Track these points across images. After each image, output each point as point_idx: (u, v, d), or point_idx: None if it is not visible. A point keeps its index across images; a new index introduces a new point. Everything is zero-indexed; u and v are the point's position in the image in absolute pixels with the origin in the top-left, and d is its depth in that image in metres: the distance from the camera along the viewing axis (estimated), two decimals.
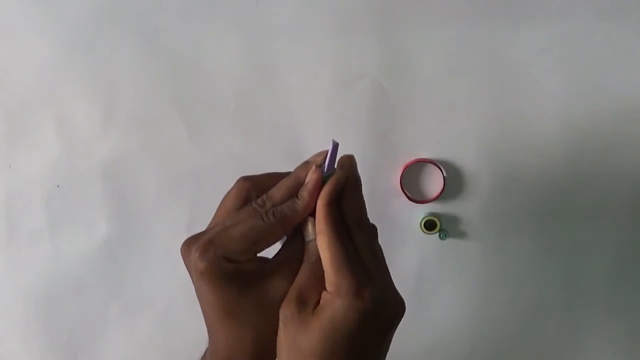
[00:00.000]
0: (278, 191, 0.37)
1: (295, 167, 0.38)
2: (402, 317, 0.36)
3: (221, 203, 0.38)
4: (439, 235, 0.55)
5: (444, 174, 0.54)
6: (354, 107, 0.55)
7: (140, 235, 0.57)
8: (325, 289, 0.35)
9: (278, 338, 0.35)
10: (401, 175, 0.55)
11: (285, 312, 0.35)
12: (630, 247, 0.55)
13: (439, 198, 0.55)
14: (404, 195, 0.55)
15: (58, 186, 0.57)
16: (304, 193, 0.36)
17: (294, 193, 0.37)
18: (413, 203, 0.55)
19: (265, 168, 0.58)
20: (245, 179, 0.38)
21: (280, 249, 0.38)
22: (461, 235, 0.56)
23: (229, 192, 0.38)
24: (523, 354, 0.57)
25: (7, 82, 0.56)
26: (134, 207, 0.57)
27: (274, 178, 0.38)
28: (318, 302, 0.35)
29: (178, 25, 0.55)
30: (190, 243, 0.36)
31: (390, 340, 0.36)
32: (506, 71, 0.54)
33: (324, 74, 0.55)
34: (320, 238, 0.35)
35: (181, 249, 0.36)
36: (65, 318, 0.58)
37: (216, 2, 0.55)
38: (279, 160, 0.55)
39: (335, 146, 0.37)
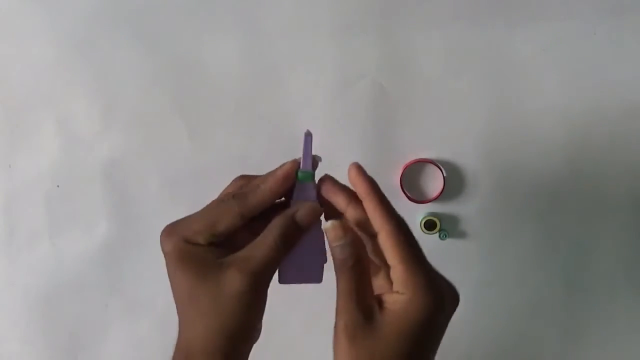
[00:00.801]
0: (255, 181, 0.37)
1: None
2: (458, 299, 0.36)
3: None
4: (439, 235, 0.55)
5: (444, 174, 0.54)
6: (354, 107, 0.55)
7: (140, 235, 0.57)
8: (371, 290, 0.35)
9: (339, 350, 0.34)
10: (401, 175, 0.55)
11: (347, 323, 0.34)
12: (630, 247, 0.55)
13: (439, 198, 0.55)
14: (404, 195, 0.55)
15: (58, 186, 0.57)
16: (269, 177, 0.37)
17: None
18: (413, 203, 0.55)
19: (265, 168, 0.58)
20: (242, 177, 0.39)
21: (246, 245, 0.37)
22: (461, 235, 0.56)
23: (224, 189, 0.39)
24: (522, 353, 0.57)
25: (7, 82, 0.56)
26: (134, 207, 0.57)
27: None
28: (378, 305, 0.34)
29: (178, 25, 0.55)
30: (163, 229, 0.37)
31: None
32: (506, 71, 0.54)
33: (324, 74, 0.55)
34: (385, 236, 0.34)
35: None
36: (65, 318, 0.58)
37: (216, 2, 0.55)
38: (279, 160, 0.55)
39: (308, 137, 0.37)
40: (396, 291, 0.34)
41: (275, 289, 0.42)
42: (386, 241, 0.35)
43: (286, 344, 0.56)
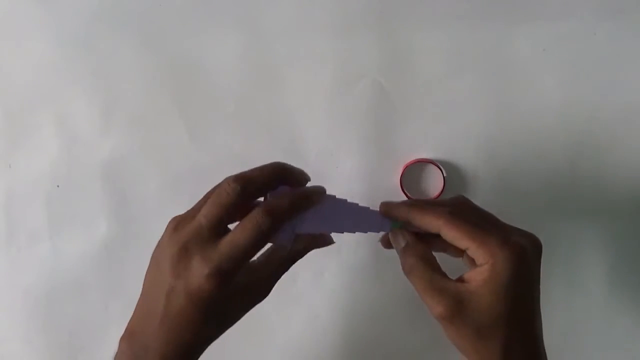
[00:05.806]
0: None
1: (295, 164, 0.39)
2: (540, 244, 0.39)
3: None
4: None
5: (444, 174, 0.54)
6: (354, 107, 0.55)
7: (140, 235, 0.57)
8: (445, 278, 0.38)
9: (448, 335, 0.37)
10: (401, 175, 0.55)
11: (440, 313, 0.36)
12: (630, 247, 0.55)
13: (438, 198, 0.55)
14: (404, 195, 0.55)
15: (58, 186, 0.57)
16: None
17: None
18: None
19: None
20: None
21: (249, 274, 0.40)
22: None
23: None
24: None
25: (7, 82, 0.56)
26: (134, 207, 0.57)
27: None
28: (462, 284, 0.36)
29: (178, 25, 0.55)
30: (197, 243, 0.38)
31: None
32: (506, 71, 0.54)
33: (324, 74, 0.55)
34: (446, 232, 0.38)
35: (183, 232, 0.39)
36: (65, 318, 0.58)
37: (216, 2, 0.55)
38: (278, 160, 0.55)
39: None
40: (479, 265, 0.36)
41: (276, 289, 0.42)
42: (448, 234, 0.38)
43: (286, 343, 0.56)
